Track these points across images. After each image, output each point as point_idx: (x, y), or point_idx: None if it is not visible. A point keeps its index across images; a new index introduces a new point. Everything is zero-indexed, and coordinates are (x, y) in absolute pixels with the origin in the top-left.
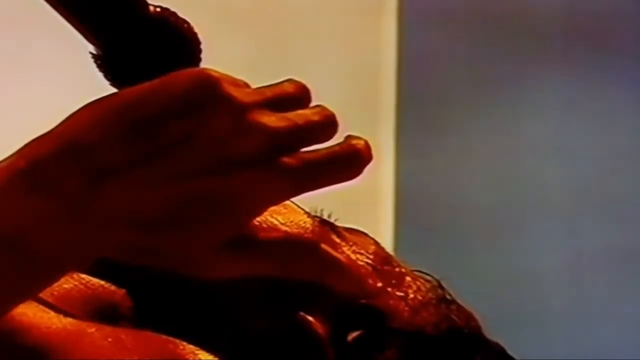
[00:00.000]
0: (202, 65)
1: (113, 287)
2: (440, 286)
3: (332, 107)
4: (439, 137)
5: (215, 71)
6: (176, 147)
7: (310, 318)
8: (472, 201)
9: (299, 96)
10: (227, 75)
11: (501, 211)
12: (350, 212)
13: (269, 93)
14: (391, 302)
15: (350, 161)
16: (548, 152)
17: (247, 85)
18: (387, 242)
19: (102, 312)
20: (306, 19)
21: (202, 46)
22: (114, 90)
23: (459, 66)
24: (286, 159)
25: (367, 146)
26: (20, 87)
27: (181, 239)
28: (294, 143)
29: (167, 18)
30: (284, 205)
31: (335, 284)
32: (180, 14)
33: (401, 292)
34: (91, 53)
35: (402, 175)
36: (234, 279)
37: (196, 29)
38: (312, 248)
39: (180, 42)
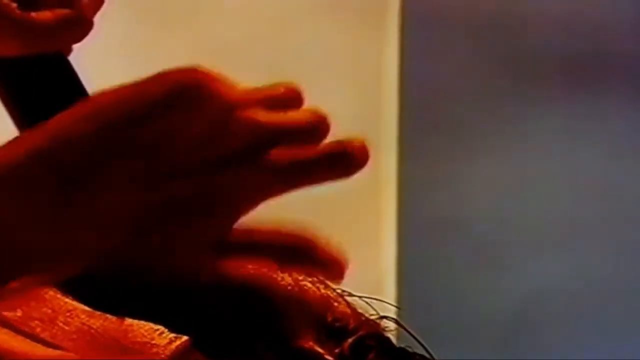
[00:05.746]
0: None
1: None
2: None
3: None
4: (442, 164)
5: (202, 69)
6: (157, 148)
7: (318, 348)
8: (475, 230)
9: (291, 97)
10: (216, 74)
11: (504, 241)
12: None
13: (259, 93)
14: (340, 308)
15: (340, 161)
16: (552, 181)
17: (237, 86)
18: (390, 268)
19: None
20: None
21: None
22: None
23: (461, 93)
24: (272, 156)
25: (361, 146)
26: None
27: (167, 242)
28: (282, 141)
29: None
30: None
31: (335, 281)
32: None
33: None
34: None
35: (404, 201)
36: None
37: None
38: (310, 247)
39: None
